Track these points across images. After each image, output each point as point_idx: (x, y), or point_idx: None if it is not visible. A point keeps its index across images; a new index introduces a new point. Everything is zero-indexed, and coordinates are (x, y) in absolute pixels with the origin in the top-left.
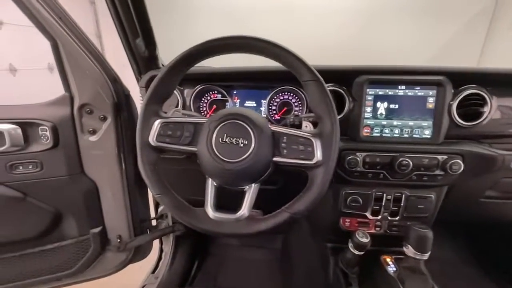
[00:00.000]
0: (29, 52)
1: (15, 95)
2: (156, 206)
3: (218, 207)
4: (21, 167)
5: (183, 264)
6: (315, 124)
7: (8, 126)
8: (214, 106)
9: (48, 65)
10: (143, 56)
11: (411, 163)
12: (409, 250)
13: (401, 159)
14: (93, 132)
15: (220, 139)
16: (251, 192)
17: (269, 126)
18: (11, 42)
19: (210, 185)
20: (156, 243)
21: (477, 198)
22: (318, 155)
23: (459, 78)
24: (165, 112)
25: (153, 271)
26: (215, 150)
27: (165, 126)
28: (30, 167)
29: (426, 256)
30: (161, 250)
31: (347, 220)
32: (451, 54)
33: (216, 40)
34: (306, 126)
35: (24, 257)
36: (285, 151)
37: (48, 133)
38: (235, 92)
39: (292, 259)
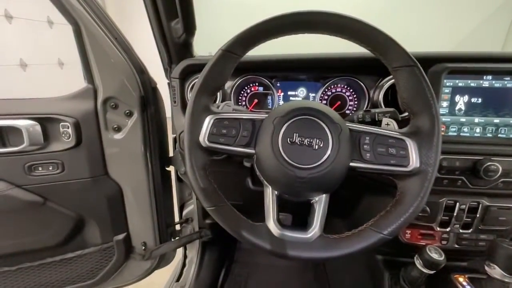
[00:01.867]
0: (39, 47)
1: (27, 91)
2: (181, 209)
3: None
4: (40, 168)
5: (210, 273)
6: (397, 122)
7: (26, 122)
8: (255, 101)
9: (58, 60)
10: (177, 42)
11: (500, 168)
12: (495, 271)
13: (488, 163)
14: (118, 129)
15: (288, 139)
16: (322, 204)
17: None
18: (21, 37)
19: (271, 195)
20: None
21: None
22: (414, 159)
23: None
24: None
25: (178, 279)
26: (282, 153)
27: (218, 123)
28: (50, 168)
29: None
30: (185, 257)
31: (408, 231)
32: (475, 42)
33: (282, 17)
34: (388, 124)
35: (44, 267)
36: (368, 154)
37: (70, 130)
38: (278, 84)
39: (328, 269)
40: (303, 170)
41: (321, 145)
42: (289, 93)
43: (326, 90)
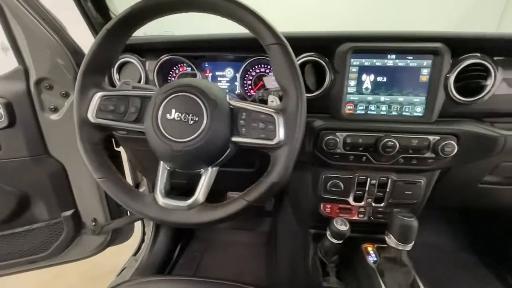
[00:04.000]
0: None
1: None
2: (137, 187)
3: (171, 192)
4: None
5: (165, 248)
6: None
7: None
8: None
9: None
10: (99, 22)
11: (397, 144)
12: (391, 240)
13: (386, 139)
14: (55, 109)
15: (167, 115)
16: (207, 176)
17: (228, 100)
18: None
19: (162, 168)
20: (139, 225)
21: (475, 184)
22: (280, 134)
23: (460, 45)
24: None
25: (135, 254)
26: (161, 128)
27: (106, 100)
28: None
29: (409, 247)
30: (144, 233)
31: (328, 206)
32: (471, 22)
33: None
34: (272, 101)
35: None
36: (243, 129)
37: (1, 111)
38: (206, 65)
39: (277, 243)
40: (177, 143)
41: (196, 120)
42: (217, 73)
43: (250, 70)
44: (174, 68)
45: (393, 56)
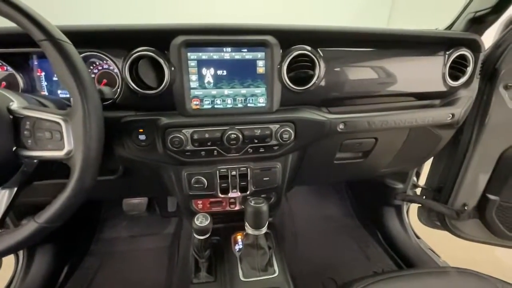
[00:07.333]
0: None
1: None
2: None
3: None
4: None
5: (44, 272)
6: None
7: None
8: (3, 83)
9: None
10: None
11: (240, 136)
12: (247, 227)
13: (229, 132)
14: None
15: None
16: None
17: (13, 107)
18: None
19: None
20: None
21: (331, 161)
22: (71, 143)
23: (287, 37)
24: None
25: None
26: None
27: None
28: None
29: (262, 231)
30: (17, 261)
31: (199, 202)
32: (364, 18)
33: None
34: None
35: None
36: (29, 141)
37: None
38: (36, 63)
39: (179, 244)
40: None
41: None
42: (51, 72)
43: (90, 67)
44: None
45: (229, 49)
